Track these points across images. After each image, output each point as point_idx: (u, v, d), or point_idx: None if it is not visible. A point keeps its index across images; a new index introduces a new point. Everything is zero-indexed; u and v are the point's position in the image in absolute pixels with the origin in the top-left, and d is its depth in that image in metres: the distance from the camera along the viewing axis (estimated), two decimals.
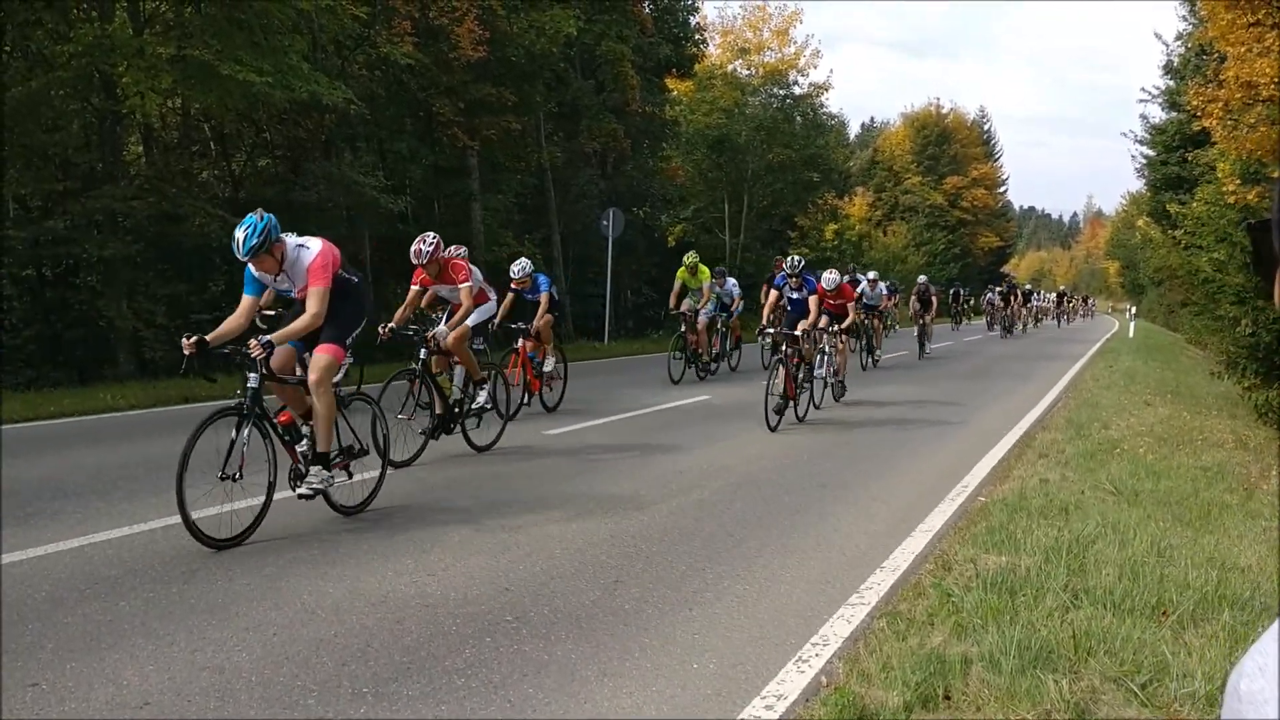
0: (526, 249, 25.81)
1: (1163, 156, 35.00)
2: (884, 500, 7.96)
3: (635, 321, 33.92)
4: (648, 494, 7.92)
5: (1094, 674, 4.14)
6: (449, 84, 24.12)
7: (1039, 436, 11.11)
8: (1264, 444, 10.65)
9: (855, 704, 3.84)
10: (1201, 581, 5.34)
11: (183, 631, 4.65)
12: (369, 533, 6.48)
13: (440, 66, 23.52)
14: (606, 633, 4.85)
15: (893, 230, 67.73)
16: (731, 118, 37.98)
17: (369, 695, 4.04)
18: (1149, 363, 23.32)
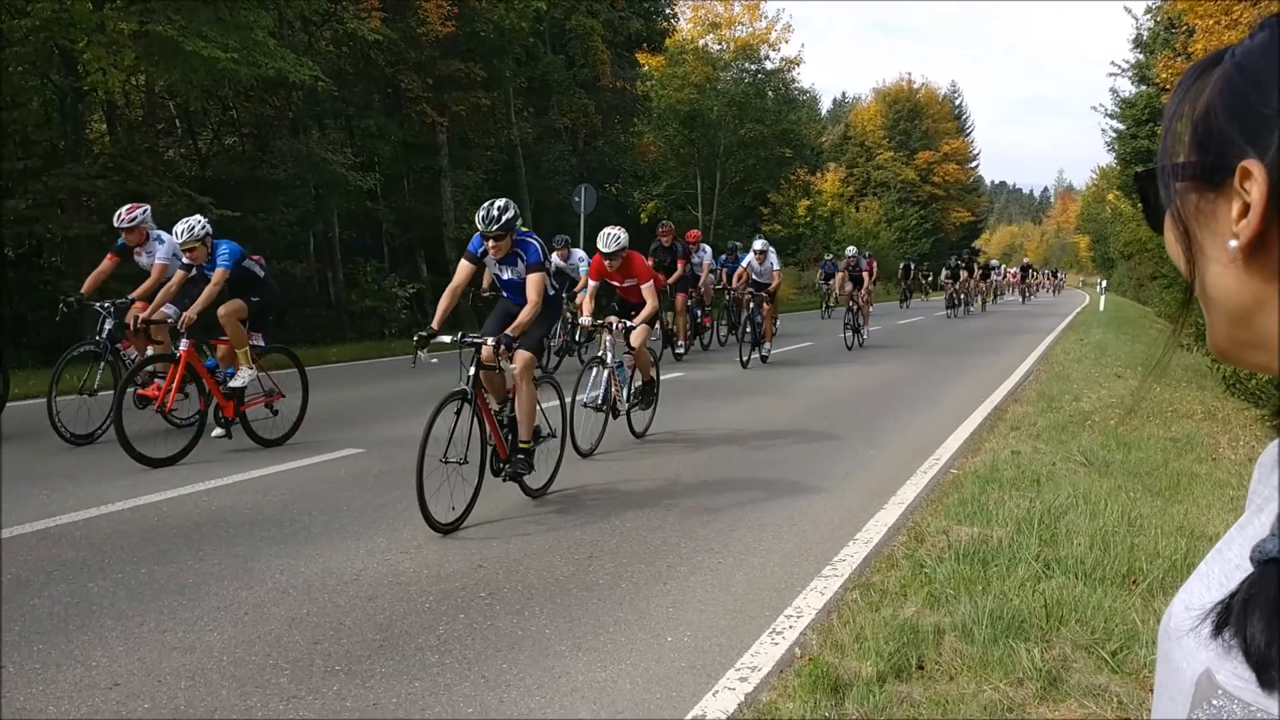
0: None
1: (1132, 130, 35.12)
2: (857, 473, 7.98)
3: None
4: (621, 470, 7.91)
5: (1065, 642, 4.17)
6: (417, 60, 23.94)
7: (1011, 409, 11.17)
8: (1232, 414, 10.73)
9: (829, 675, 3.85)
10: (1171, 550, 5.39)
11: (152, 612, 4.61)
12: (341, 512, 6.44)
13: (408, 42, 23.33)
14: (580, 607, 4.84)
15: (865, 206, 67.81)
16: (703, 93, 37.87)
17: (341, 673, 4.02)
18: (1119, 335, 23.48)
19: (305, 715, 3.65)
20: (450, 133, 26.05)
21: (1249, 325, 0.73)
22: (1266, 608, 0.66)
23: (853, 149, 75.07)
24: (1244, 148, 0.69)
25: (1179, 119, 0.77)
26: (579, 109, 31.15)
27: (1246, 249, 0.70)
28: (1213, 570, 0.79)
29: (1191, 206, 0.75)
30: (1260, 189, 0.68)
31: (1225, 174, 0.71)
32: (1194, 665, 0.72)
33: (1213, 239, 0.73)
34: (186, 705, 3.69)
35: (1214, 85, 0.74)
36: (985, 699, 3.66)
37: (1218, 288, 0.74)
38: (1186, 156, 0.75)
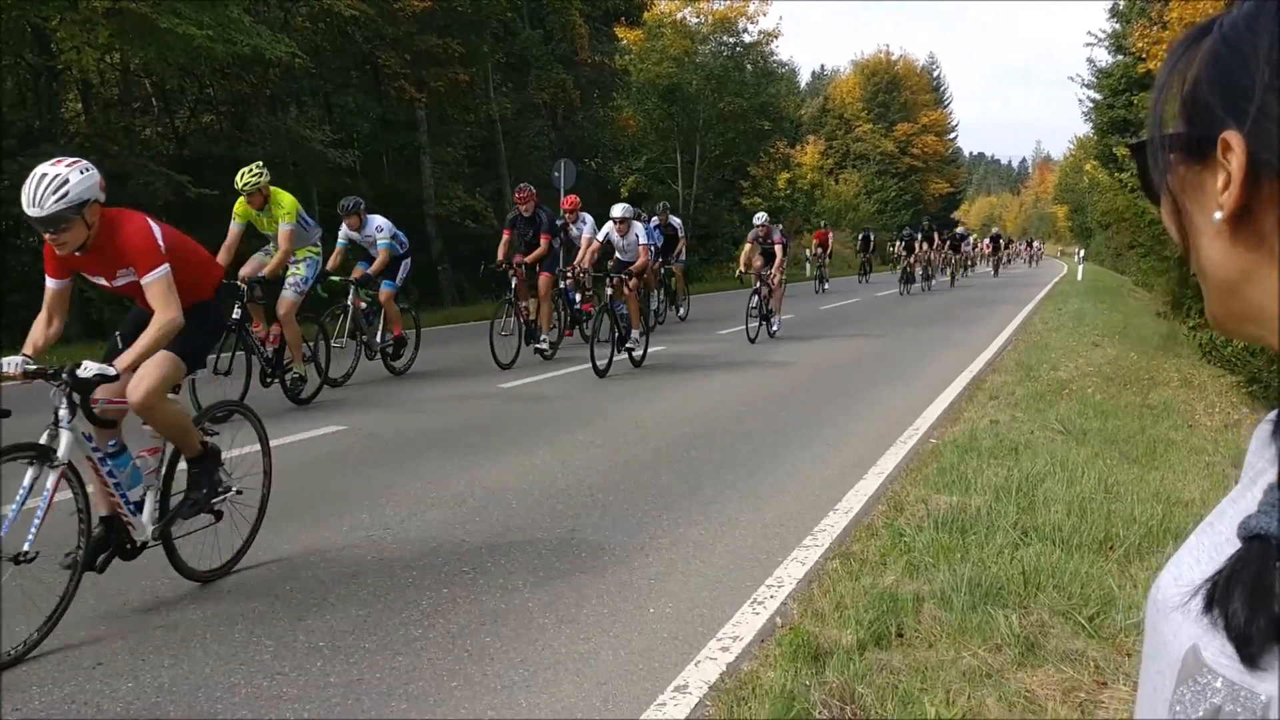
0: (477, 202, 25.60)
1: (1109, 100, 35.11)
2: (838, 445, 8.02)
3: None
4: (604, 444, 7.93)
5: (1043, 608, 4.21)
6: (394, 35, 23.77)
7: (989, 379, 11.24)
8: (1208, 381, 10.82)
9: (809, 643, 3.89)
10: (1147, 516, 5.44)
11: (135, 590, 4.61)
12: (324, 489, 6.44)
13: (385, 18, 23.14)
14: (563, 581, 4.87)
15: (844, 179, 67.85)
16: (682, 66, 37.67)
17: (325, 649, 4.03)
18: (1097, 305, 23.59)
19: (289, 691, 3.67)
20: (429, 109, 25.90)
21: (1239, 297, 0.73)
22: (1248, 584, 0.66)
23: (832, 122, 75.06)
24: (1225, 119, 0.69)
25: (1168, 90, 0.76)
26: (557, 84, 30.98)
27: (1230, 221, 0.70)
28: (1203, 543, 0.79)
29: (1180, 179, 0.75)
30: (1239, 160, 0.68)
31: (1210, 146, 0.71)
32: (1181, 640, 0.73)
33: (1201, 211, 0.73)
34: (170, 683, 3.71)
35: (1201, 56, 0.74)
36: (964, 665, 3.70)
37: (1208, 260, 0.74)
38: (1175, 129, 0.75)
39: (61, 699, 3.58)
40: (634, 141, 38.72)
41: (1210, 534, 0.79)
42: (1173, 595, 0.76)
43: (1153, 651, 0.78)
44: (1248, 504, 0.77)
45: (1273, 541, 0.66)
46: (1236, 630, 0.66)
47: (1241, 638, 0.65)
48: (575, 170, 26.42)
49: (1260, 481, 0.78)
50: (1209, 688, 0.68)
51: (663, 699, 3.62)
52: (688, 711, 3.52)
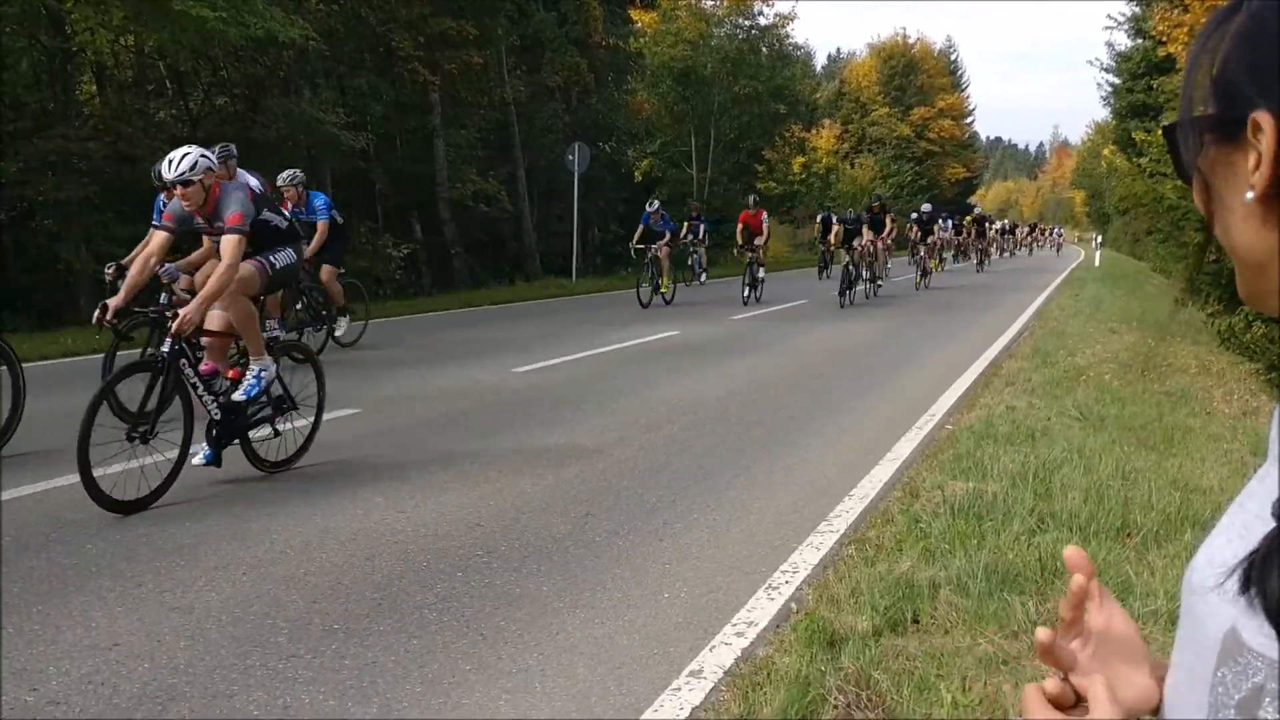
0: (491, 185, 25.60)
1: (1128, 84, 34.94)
2: (852, 431, 8.00)
3: (603, 259, 33.76)
4: (617, 429, 7.92)
5: (1060, 595, 4.16)
6: (408, 18, 23.74)
7: (1006, 365, 11.19)
8: (1226, 369, 10.75)
9: (825, 629, 3.87)
10: (1165, 503, 5.40)
11: (150, 573, 4.62)
12: (337, 473, 6.45)
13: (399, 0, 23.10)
14: (578, 565, 4.86)
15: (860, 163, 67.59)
16: (697, 49, 37.51)
17: (340, 632, 4.04)
18: (1114, 291, 23.47)
19: (304, 673, 3.68)
20: (442, 92, 25.88)
21: (1270, 275, 0.73)
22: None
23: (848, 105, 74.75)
24: (1254, 99, 0.69)
25: (1199, 70, 0.76)
26: (571, 67, 30.93)
27: (1262, 200, 0.70)
28: (1234, 524, 0.79)
29: (1211, 159, 0.75)
30: (1269, 139, 0.68)
31: (1240, 127, 0.70)
32: (1219, 621, 0.73)
33: (1232, 192, 0.73)
34: (186, 664, 3.71)
35: (1230, 36, 0.73)
36: (980, 652, 3.69)
37: (1239, 239, 0.74)
38: (1206, 109, 0.75)
39: (79, 679, 3.58)
40: (648, 125, 38.62)
41: (1240, 514, 0.79)
42: (1207, 577, 0.76)
43: (1188, 633, 0.78)
44: (1275, 481, 0.76)
45: None
46: (1273, 609, 0.65)
47: (1278, 615, 0.65)
48: (589, 154, 26.40)
49: None
50: (1250, 667, 0.68)
51: (677, 684, 3.61)
52: (702, 696, 3.51)
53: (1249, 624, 0.69)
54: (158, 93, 22.43)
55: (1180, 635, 0.81)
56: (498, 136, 29.18)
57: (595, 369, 10.99)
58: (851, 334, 14.86)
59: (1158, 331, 13.67)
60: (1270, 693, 0.66)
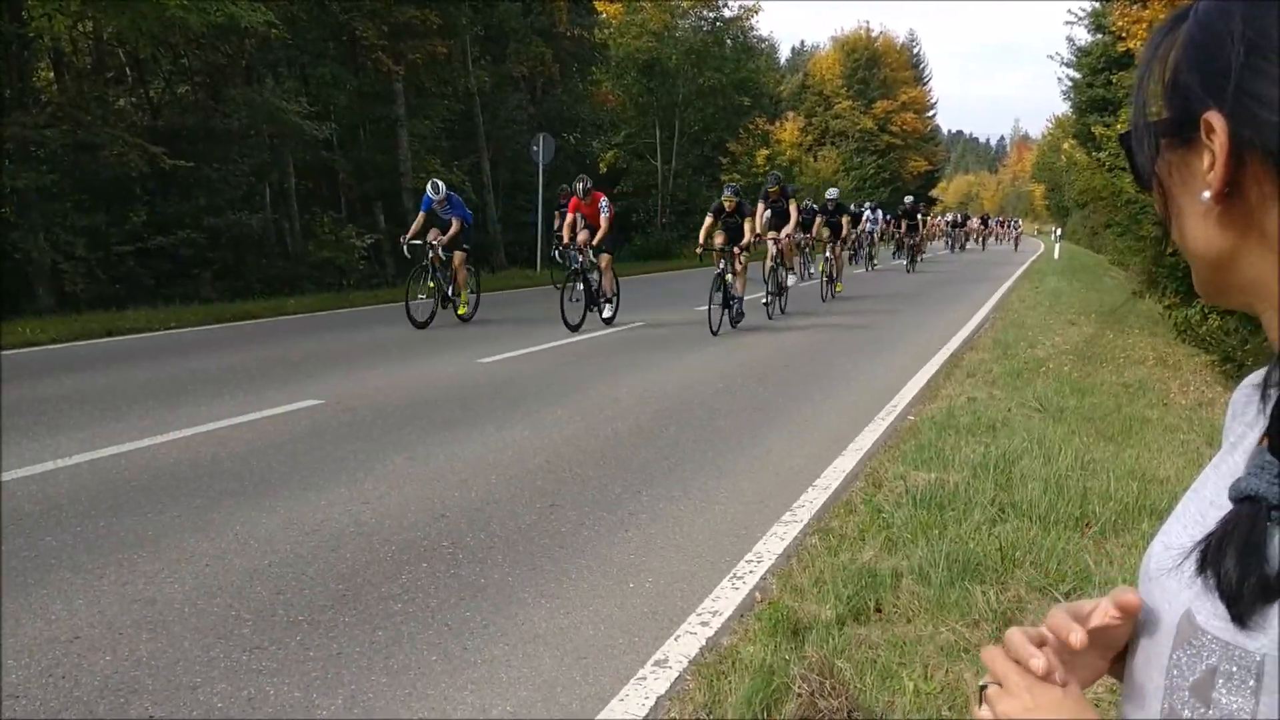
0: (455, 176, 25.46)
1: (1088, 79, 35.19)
2: (816, 421, 8.04)
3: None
4: (583, 420, 7.92)
5: (1020, 584, 4.25)
6: (372, 7, 23.55)
7: (967, 356, 11.28)
8: (1183, 360, 10.89)
9: (788, 618, 3.90)
10: (1123, 493, 5.48)
11: (111, 565, 4.58)
12: (301, 463, 6.41)
13: None
14: (543, 555, 4.87)
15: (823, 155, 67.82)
16: (661, 41, 37.50)
17: (304, 623, 4.03)
18: (1073, 283, 23.70)
19: (268, 665, 3.66)
20: (406, 81, 25.70)
21: (1228, 271, 0.75)
22: (1239, 544, 0.68)
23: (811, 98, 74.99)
24: (1205, 100, 0.71)
25: (1150, 77, 0.78)
26: (536, 57, 30.80)
27: (1218, 199, 0.71)
28: (1189, 509, 0.81)
29: (1167, 163, 0.76)
30: (1221, 140, 0.69)
31: (1193, 129, 0.72)
32: (1175, 606, 0.75)
33: (1189, 193, 0.75)
34: (148, 657, 3.69)
35: (1179, 42, 0.75)
36: (942, 640, 3.73)
37: (1198, 239, 0.75)
38: (1159, 113, 0.77)
39: (38, 673, 3.55)
40: (613, 116, 38.56)
41: (1196, 500, 0.81)
42: (1164, 562, 0.79)
43: (1145, 618, 0.80)
44: (1231, 468, 0.79)
45: (1262, 502, 0.68)
46: (1228, 590, 0.67)
47: (1233, 597, 0.67)
48: (554, 145, 26.33)
49: (1241, 446, 0.80)
50: (1204, 649, 0.70)
51: (643, 673, 3.63)
52: (667, 685, 3.53)
53: (1204, 607, 0.71)
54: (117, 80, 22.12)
55: (1138, 620, 0.83)
56: (462, 127, 29.02)
57: (561, 360, 10.98)
58: (816, 328, 14.92)
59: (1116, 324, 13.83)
60: (1224, 674, 0.68)
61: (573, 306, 13.33)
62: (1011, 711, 0.78)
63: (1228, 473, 0.80)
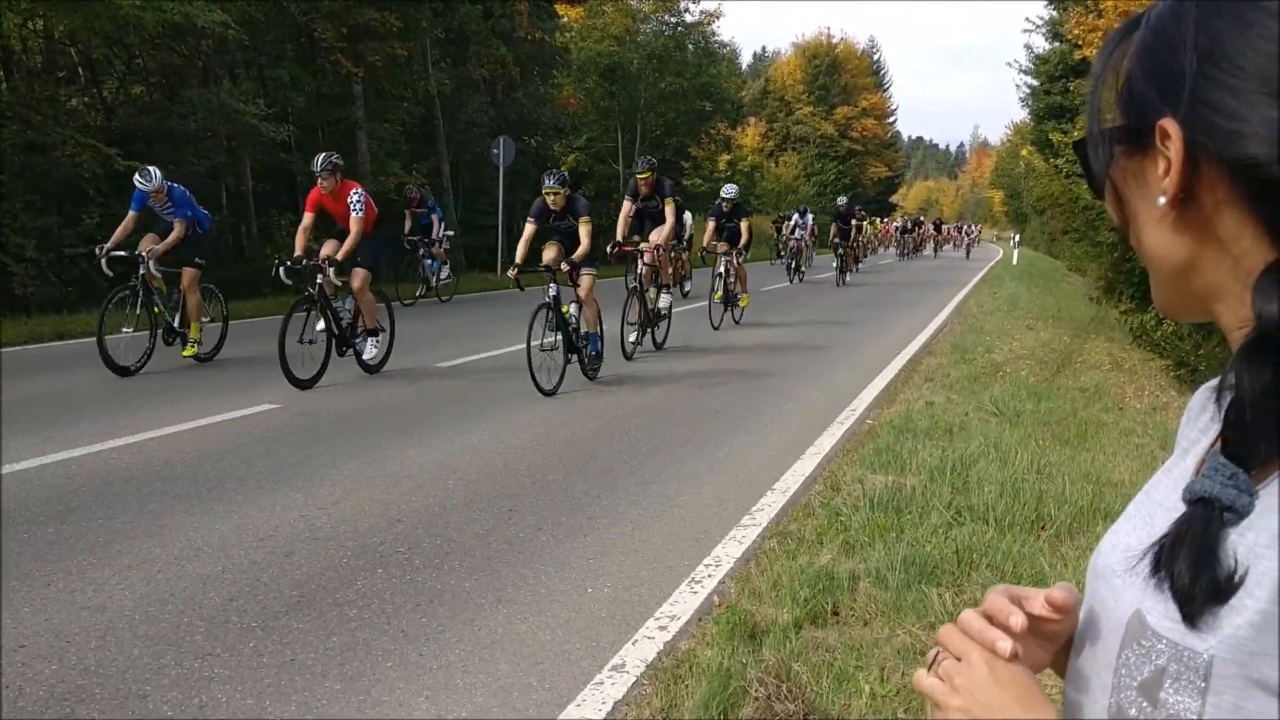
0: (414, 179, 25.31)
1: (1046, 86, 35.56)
2: (775, 425, 8.06)
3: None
4: (542, 425, 7.90)
5: (976, 587, 4.27)
6: (331, 8, 23.37)
7: (925, 361, 11.35)
8: (1138, 365, 11.02)
9: (746, 622, 3.90)
10: (1078, 496, 5.53)
11: (60, 572, 4.51)
12: (256, 468, 6.34)
13: None
14: (501, 561, 4.84)
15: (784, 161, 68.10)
16: (623, 45, 37.57)
17: (258, 629, 3.97)
18: (1031, 289, 23.94)
19: (221, 672, 3.61)
20: (366, 84, 25.54)
21: (1186, 279, 0.75)
22: (1193, 545, 0.68)
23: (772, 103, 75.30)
24: (1160, 107, 0.71)
25: (1104, 85, 0.79)
26: (497, 60, 30.69)
27: (1173, 205, 0.72)
28: (1140, 511, 0.82)
29: (1122, 169, 0.77)
30: (1176, 146, 0.70)
31: (1148, 135, 0.72)
32: (1124, 605, 0.75)
33: (1144, 199, 0.75)
34: (96, 665, 3.63)
35: (1133, 49, 0.76)
36: (898, 643, 3.74)
37: (1154, 247, 0.76)
38: (1114, 121, 0.77)
39: None
40: (575, 120, 38.53)
41: (1146, 502, 0.82)
42: (1112, 561, 0.79)
43: (1092, 616, 0.81)
44: (1182, 472, 0.80)
45: (1215, 504, 0.68)
46: (1181, 590, 0.67)
47: (1185, 597, 0.67)
48: (515, 148, 26.26)
49: (1193, 451, 0.82)
50: (1153, 650, 0.70)
51: (600, 678, 3.61)
52: (624, 690, 3.51)
53: (1154, 608, 0.71)
54: (69, 80, 21.80)
55: (1084, 616, 0.84)
56: (422, 130, 28.88)
57: (520, 363, 10.92)
58: (777, 330, 14.94)
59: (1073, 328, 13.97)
60: (1171, 674, 0.69)
61: None
62: (974, 684, 0.79)
63: (1179, 476, 0.81)
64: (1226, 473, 0.68)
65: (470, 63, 30.55)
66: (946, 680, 0.82)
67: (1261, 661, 0.64)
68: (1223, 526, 0.68)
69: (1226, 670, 0.65)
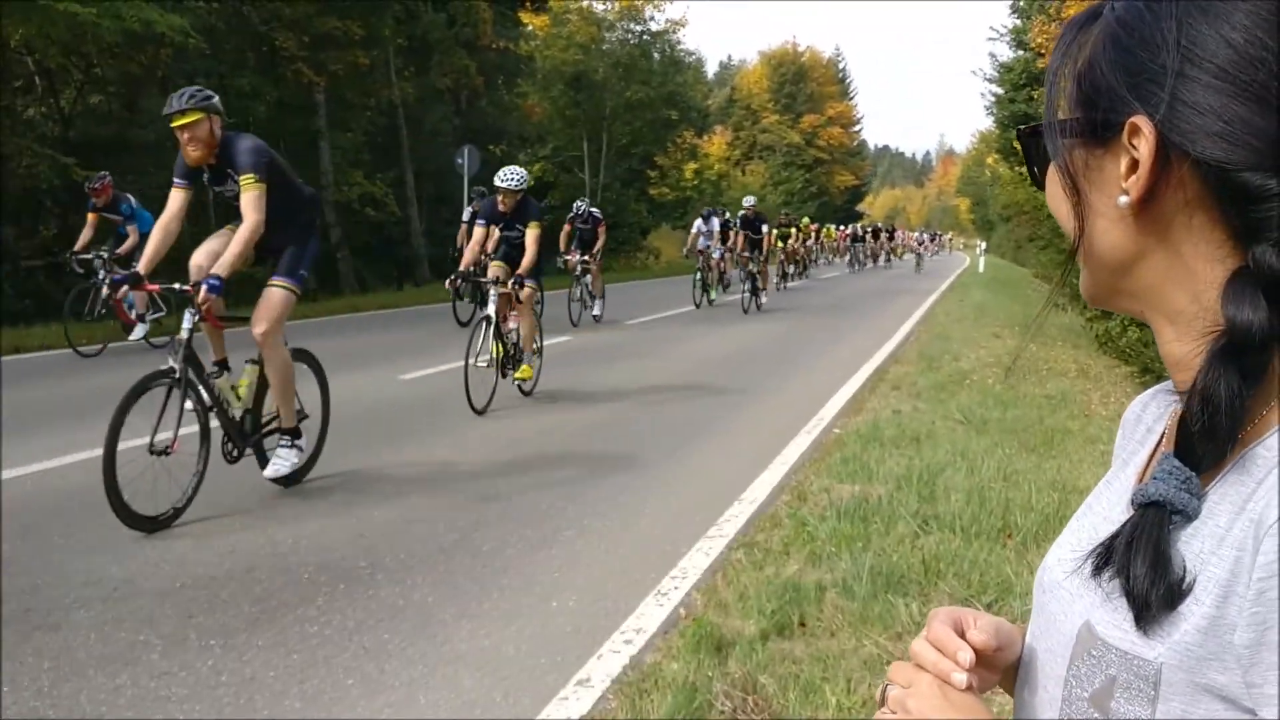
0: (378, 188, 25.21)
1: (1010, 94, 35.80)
2: (742, 435, 8.04)
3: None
4: (507, 436, 7.84)
5: (943, 596, 4.26)
6: (292, 16, 23.25)
7: (892, 369, 11.38)
8: (1103, 372, 11.11)
9: (712, 634, 3.87)
10: (1044, 504, 5.54)
11: (12, 592, 4.40)
12: (215, 483, 6.23)
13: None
14: (465, 575, 4.78)
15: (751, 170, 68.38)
16: (588, 53, 37.59)
17: (217, 647, 3.90)
18: (998, 296, 24.11)
19: (178, 692, 3.54)
20: (328, 93, 25.42)
21: (1128, 275, 0.75)
22: (1148, 550, 0.68)
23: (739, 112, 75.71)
24: (1131, 104, 0.70)
25: (1061, 75, 0.77)
26: (461, 69, 30.63)
27: (1137, 204, 0.71)
28: (1082, 524, 0.83)
29: (1080, 163, 0.75)
30: (1149, 145, 0.69)
31: (1113, 130, 0.71)
32: (1072, 618, 0.75)
33: (1099, 194, 0.74)
34: (49, 685, 3.55)
35: (1095, 41, 0.74)
36: (865, 654, 3.72)
37: (1103, 241, 0.75)
38: (1070, 113, 0.76)
39: None
40: (540, 129, 38.52)
41: (1089, 516, 0.84)
42: (1058, 575, 0.80)
43: (1041, 630, 0.82)
44: (1123, 484, 0.82)
45: (1166, 508, 0.68)
46: (1139, 596, 0.67)
47: (1142, 603, 0.67)
48: (479, 157, 26.17)
49: (1133, 462, 0.84)
50: (1103, 660, 0.71)
51: (565, 693, 3.57)
52: (590, 705, 3.47)
53: (1103, 617, 0.71)
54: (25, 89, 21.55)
55: (1032, 631, 0.85)
56: (385, 139, 28.76)
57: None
58: (741, 337, 14.95)
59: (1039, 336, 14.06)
60: (1122, 683, 0.69)
61: None
62: (925, 709, 0.79)
63: (1120, 489, 0.82)
64: (1181, 476, 0.69)
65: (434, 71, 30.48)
66: (898, 707, 0.81)
67: (1208, 666, 0.64)
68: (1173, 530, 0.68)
69: (1175, 677, 0.65)
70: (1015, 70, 35.00)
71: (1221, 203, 0.67)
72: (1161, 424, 0.84)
